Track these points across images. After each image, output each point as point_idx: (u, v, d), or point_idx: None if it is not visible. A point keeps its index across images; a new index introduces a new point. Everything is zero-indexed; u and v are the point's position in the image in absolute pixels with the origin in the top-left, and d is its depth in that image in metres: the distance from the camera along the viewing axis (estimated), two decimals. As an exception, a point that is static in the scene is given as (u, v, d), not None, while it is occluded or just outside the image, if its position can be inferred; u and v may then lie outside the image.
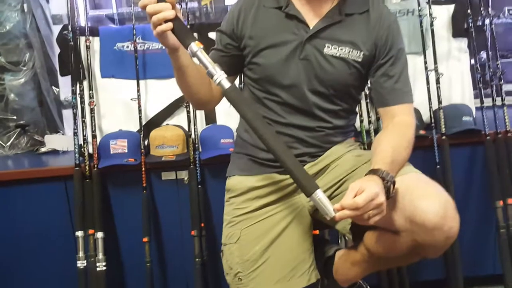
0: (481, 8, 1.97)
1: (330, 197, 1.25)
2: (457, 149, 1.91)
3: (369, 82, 1.33)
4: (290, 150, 1.12)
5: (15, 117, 2.22)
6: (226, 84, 1.08)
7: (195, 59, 1.11)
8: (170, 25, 1.06)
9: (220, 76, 1.07)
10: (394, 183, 1.08)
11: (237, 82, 1.55)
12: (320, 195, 1.04)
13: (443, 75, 1.92)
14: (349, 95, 1.28)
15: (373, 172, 1.08)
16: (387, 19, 1.23)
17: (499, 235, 1.86)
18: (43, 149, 2.19)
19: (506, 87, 2.64)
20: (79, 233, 1.79)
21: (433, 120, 1.94)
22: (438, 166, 1.88)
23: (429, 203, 1.05)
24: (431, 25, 1.93)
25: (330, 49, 1.21)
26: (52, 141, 2.18)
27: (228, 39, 1.29)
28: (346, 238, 1.37)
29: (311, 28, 1.21)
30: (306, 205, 1.29)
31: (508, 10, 2.73)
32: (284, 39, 1.22)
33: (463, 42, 2.08)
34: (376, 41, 1.22)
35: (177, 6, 1.09)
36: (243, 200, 1.32)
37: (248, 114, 1.10)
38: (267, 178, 1.30)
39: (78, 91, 1.88)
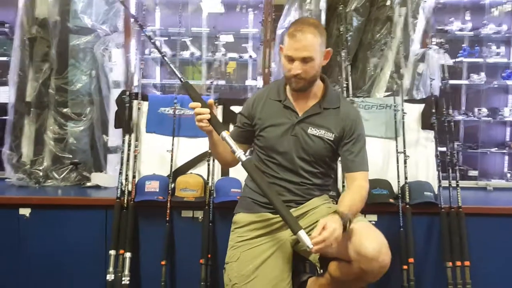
0: (444, 109, 2.52)
1: (308, 233, 1.73)
2: (418, 217, 2.37)
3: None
4: (284, 203, 1.62)
5: (70, 156, 2.76)
6: (243, 158, 1.63)
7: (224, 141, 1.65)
8: (208, 123, 1.63)
9: (239, 153, 1.63)
10: (350, 221, 1.58)
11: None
12: (302, 233, 1.52)
13: (409, 157, 2.43)
14: (324, 162, 1.81)
15: (335, 212, 1.58)
16: (351, 113, 1.80)
17: (448, 291, 2.27)
18: (88, 184, 2.72)
19: (472, 173, 3.16)
20: (112, 252, 2.26)
21: (400, 192, 2.43)
22: (401, 229, 2.32)
23: (370, 241, 1.55)
24: (403, 118, 2.49)
25: (312, 130, 1.76)
26: (97, 178, 2.72)
27: (245, 119, 1.86)
28: (318, 270, 1.83)
29: (300, 115, 1.78)
30: (289, 238, 1.78)
31: (478, 110, 3.29)
32: (281, 121, 1.79)
33: (430, 134, 2.60)
34: (343, 128, 1.77)
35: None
36: (244, 230, 1.82)
37: (257, 178, 1.65)
38: (263, 216, 1.81)
39: (127, 141, 2.45)
